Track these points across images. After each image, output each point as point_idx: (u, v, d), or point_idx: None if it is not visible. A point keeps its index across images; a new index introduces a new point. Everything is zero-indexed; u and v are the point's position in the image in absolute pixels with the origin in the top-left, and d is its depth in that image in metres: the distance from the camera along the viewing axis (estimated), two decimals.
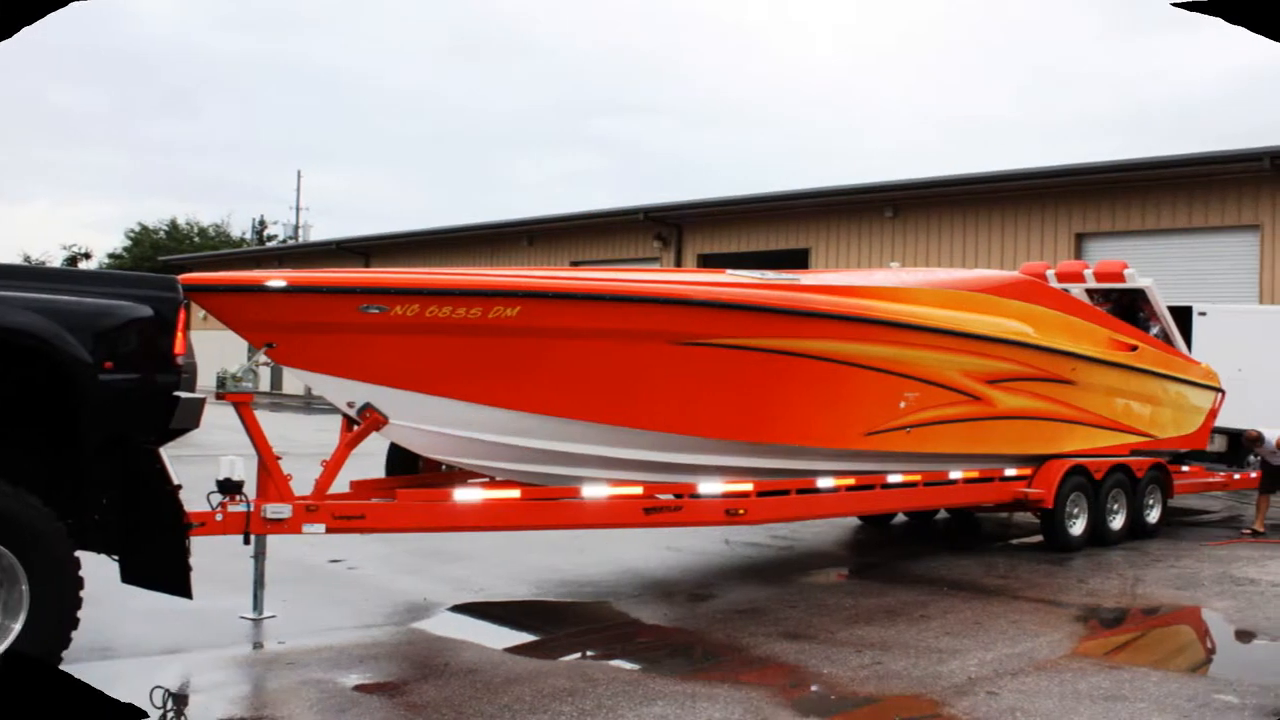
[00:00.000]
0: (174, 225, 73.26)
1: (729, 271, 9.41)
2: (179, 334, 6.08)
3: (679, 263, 31.92)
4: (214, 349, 28.69)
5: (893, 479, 10.03)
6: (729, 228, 31.30)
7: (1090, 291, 13.99)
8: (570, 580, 9.45)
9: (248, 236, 74.45)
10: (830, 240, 28.57)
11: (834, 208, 28.47)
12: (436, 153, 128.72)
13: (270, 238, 72.98)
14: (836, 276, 10.54)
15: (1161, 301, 14.08)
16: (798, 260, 28.59)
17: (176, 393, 6.11)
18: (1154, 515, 12.91)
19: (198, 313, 7.14)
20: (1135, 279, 13.78)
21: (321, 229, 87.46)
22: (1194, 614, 9.00)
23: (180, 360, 6.13)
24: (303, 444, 20.18)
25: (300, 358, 7.12)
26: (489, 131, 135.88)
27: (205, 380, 29.84)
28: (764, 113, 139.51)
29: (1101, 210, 23.49)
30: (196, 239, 72.34)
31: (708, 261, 31.30)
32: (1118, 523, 12.27)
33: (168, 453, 6.23)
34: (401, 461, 9.11)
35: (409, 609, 8.16)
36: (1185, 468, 14.40)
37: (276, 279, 6.82)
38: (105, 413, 5.76)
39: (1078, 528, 11.71)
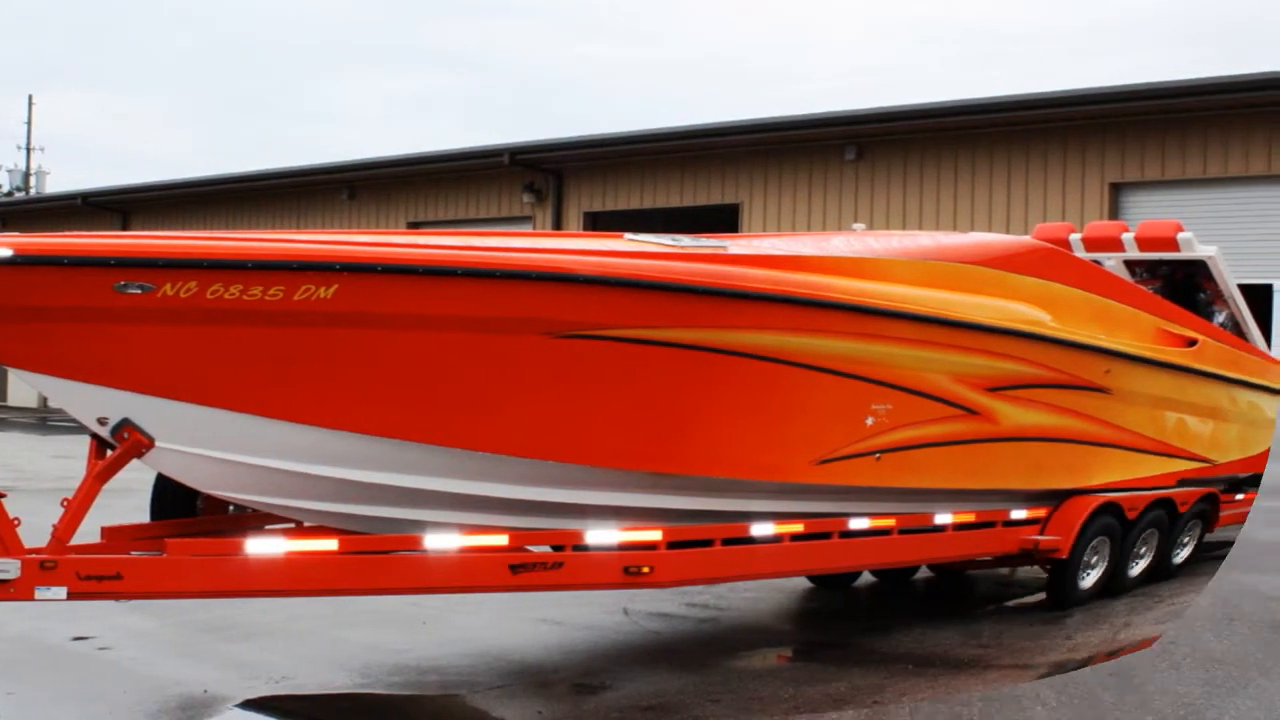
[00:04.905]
0: None
1: (628, 236, 9.70)
2: None
3: (559, 224, 32.43)
4: None
5: (856, 524, 10.38)
6: (627, 176, 31.84)
7: (1131, 264, 14.58)
8: (408, 665, 9.79)
9: None
10: (768, 193, 29.22)
11: (773, 148, 29.03)
12: (214, 73, 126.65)
13: None
14: (778, 243, 10.92)
15: (1230, 277, 14.60)
16: (724, 220, 29.19)
17: None
18: (1183, 554, 13.79)
19: None
20: (1194, 247, 14.25)
21: (61, 177, 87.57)
22: None
23: None
24: (35, 475, 20.60)
25: (31, 356, 7.40)
26: (287, 43, 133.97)
27: None
28: (668, 25, 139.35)
29: (1147, 152, 24.02)
30: None
31: (600, 223, 31.85)
32: (1139, 568, 13.04)
33: None
34: (173, 500, 9.35)
35: (183, 706, 8.44)
36: (1239, 495, 15.08)
37: None
38: None
39: (1090, 579, 12.36)
